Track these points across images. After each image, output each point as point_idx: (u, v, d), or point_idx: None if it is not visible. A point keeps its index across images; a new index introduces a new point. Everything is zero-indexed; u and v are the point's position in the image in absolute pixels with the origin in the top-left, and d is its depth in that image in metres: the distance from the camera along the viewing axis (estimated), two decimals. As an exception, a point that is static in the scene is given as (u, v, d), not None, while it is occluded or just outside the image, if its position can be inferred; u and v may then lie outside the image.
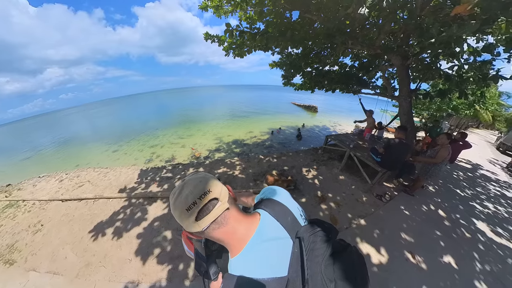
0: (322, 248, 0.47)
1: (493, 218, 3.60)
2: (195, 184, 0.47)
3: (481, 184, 5.24)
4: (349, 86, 5.79)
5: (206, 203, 0.46)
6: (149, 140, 9.35)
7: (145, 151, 7.78)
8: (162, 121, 14.85)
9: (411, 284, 2.03)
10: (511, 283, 2.23)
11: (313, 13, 3.38)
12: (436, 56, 3.67)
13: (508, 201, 4.44)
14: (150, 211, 3.08)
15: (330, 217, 3.01)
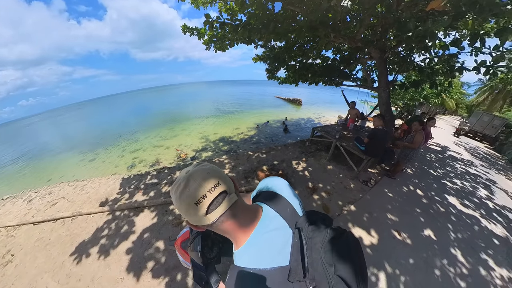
0: (320, 236, 0.49)
1: (460, 192, 4.15)
2: (203, 176, 0.46)
3: (450, 163, 5.99)
4: (332, 79, 6.03)
5: (217, 196, 0.45)
6: (130, 145, 8.74)
7: (126, 157, 7.26)
8: (142, 123, 13.92)
9: (399, 259, 2.25)
10: (479, 246, 2.64)
11: (295, 5, 3.41)
12: (410, 49, 4.01)
13: (471, 176, 5.20)
14: (137, 223, 2.90)
15: (322, 206, 3.16)
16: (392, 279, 2.00)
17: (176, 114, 16.54)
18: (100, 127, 16.00)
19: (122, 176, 4.81)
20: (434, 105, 11.12)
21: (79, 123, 23.18)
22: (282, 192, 0.62)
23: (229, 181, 0.49)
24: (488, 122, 11.10)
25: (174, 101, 32.22)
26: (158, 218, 2.91)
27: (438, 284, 2.06)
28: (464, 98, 17.83)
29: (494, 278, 2.23)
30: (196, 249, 0.68)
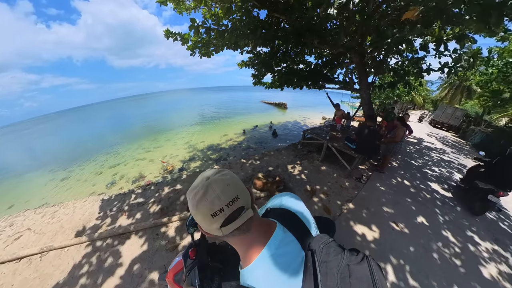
0: (336, 260, 0.46)
1: (439, 178, 4.71)
2: (223, 188, 0.44)
3: (426, 153, 6.77)
4: (316, 82, 6.41)
5: (234, 211, 0.44)
6: (109, 159, 8.07)
7: (105, 174, 6.67)
8: (122, 135, 12.98)
9: (401, 248, 2.43)
10: (465, 226, 3.05)
11: (280, 13, 3.63)
12: (386, 54, 4.54)
13: (446, 163, 5.99)
14: (124, 252, 2.50)
15: (323, 208, 3.24)
16: (398, 270, 2.15)
17: (159, 123, 15.84)
18: (73, 141, 14.53)
19: (101, 197, 4.35)
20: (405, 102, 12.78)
21: (48, 138, 20.70)
22: (295, 211, 0.60)
23: (247, 194, 0.48)
24: (452, 114, 12.94)
25: (156, 110, 30.85)
26: (148, 244, 2.55)
27: (438, 266, 2.27)
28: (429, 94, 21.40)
29: (482, 252, 2.59)
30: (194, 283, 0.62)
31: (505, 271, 2.38)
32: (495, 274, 2.29)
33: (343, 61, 6.00)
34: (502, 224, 3.33)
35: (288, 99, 29.87)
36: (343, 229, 2.70)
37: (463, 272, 2.24)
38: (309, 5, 3.65)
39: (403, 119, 4.37)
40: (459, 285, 2.08)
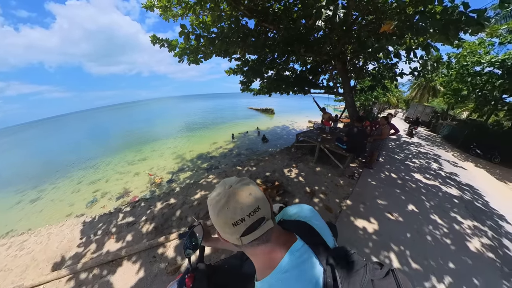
0: (359, 275, 0.44)
1: (420, 168, 5.34)
2: (245, 197, 0.45)
3: (406, 147, 7.60)
4: (303, 88, 6.86)
5: (255, 222, 0.44)
6: (87, 175, 7.45)
7: (83, 191, 6.14)
8: (102, 148, 12.01)
9: (399, 236, 2.68)
10: (448, 208, 3.52)
11: (269, 22, 3.93)
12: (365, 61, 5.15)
13: (423, 154, 6.82)
14: (117, 283, 2.17)
15: (325, 208, 3.37)
16: (401, 256, 2.36)
17: (143, 134, 15.03)
18: (44, 156, 13.03)
19: (82, 219, 3.89)
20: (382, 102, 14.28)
21: (13, 152, 18.12)
22: (312, 223, 0.59)
23: (267, 204, 0.48)
24: (422, 111, 14.97)
25: (139, 119, 29.25)
26: (145, 270, 2.27)
27: (432, 247, 2.55)
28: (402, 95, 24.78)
29: (465, 229, 3.01)
30: None
31: (486, 243, 2.78)
32: (479, 247, 2.66)
33: (327, 68, 6.55)
34: (476, 203, 3.96)
35: (275, 104, 30.79)
36: (346, 225, 2.87)
37: (454, 249, 2.56)
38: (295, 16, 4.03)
39: (387, 118, 4.88)
40: (453, 261, 2.37)
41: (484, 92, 8.61)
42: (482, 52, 8.27)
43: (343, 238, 2.60)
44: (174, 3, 3.64)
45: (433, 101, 20.48)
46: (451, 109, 14.54)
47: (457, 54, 8.68)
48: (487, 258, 2.52)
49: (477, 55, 8.21)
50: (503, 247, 2.77)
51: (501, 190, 5.05)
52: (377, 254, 2.38)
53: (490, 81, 7.99)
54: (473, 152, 8.27)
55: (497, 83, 7.74)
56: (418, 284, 2.06)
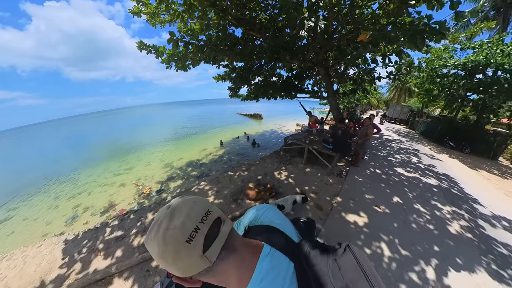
0: (324, 259, 0.47)
1: (402, 163, 5.80)
2: (190, 206, 0.40)
3: (388, 144, 8.22)
4: (289, 93, 7.14)
5: (212, 225, 0.40)
6: (66, 189, 6.92)
7: (62, 207, 5.69)
8: (82, 158, 11.21)
9: (387, 226, 2.86)
10: (428, 197, 3.87)
11: (256, 31, 4.13)
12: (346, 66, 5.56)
13: (404, 150, 7.45)
14: None
15: (316, 207, 3.48)
16: (391, 245, 2.52)
17: (128, 142, 14.28)
18: (15, 169, 11.80)
19: (63, 237, 3.59)
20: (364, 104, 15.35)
21: None
22: (273, 223, 0.59)
23: (218, 209, 0.45)
24: (401, 110, 16.56)
25: (123, 127, 27.83)
26: (139, 286, 2.17)
27: (418, 234, 2.77)
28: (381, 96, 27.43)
29: (445, 214, 3.32)
30: None
31: (464, 225, 3.08)
32: (458, 229, 2.94)
33: (311, 74, 6.94)
34: (452, 190, 4.40)
35: (262, 110, 31.34)
36: (338, 221, 3.00)
37: (437, 233, 2.80)
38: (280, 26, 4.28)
39: (370, 119, 5.23)
40: (437, 244, 2.59)
41: (451, 91, 9.64)
42: (447, 57, 9.31)
43: (336, 233, 2.72)
44: (162, 10, 3.66)
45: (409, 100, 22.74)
46: (425, 108, 16.08)
47: (426, 59, 9.71)
48: (466, 238, 2.79)
49: (443, 59, 9.26)
50: (479, 227, 3.11)
51: (473, 177, 5.67)
52: (369, 245, 2.52)
53: (456, 81, 9.01)
54: (447, 145, 9.26)
55: (461, 83, 8.77)
56: (408, 269, 2.21)
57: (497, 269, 2.34)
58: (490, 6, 11.00)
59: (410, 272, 2.17)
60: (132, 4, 3.75)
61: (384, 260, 2.32)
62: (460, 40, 9.03)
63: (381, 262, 2.29)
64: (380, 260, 2.31)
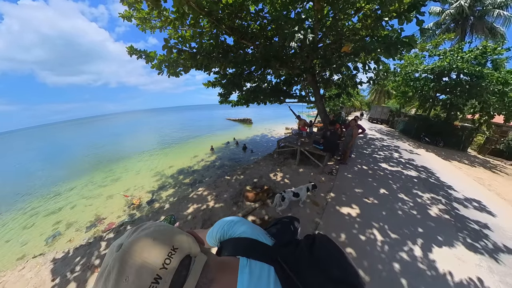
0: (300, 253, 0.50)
1: (385, 159, 6.37)
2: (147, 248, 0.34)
3: (372, 143, 8.93)
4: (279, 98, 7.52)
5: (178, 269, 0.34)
6: (44, 204, 6.37)
7: (39, 225, 5.22)
8: (62, 170, 10.37)
9: (378, 216, 3.17)
10: (410, 187, 4.37)
11: (248, 40, 4.41)
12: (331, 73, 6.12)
13: (386, 147, 8.16)
14: None
15: (312, 203, 3.71)
16: (382, 231, 2.81)
17: (113, 151, 13.48)
18: None
19: (50, 256, 3.29)
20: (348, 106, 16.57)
21: None
22: (243, 234, 0.58)
23: (186, 237, 0.40)
24: (381, 111, 18.33)
25: (107, 135, 26.24)
26: None
27: (404, 219, 3.11)
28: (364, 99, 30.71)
29: (425, 200, 3.76)
30: None
31: (442, 208, 3.53)
32: (438, 212, 3.36)
33: (299, 80, 7.43)
34: (430, 179, 4.98)
35: (252, 114, 31.66)
36: (334, 214, 3.25)
37: (419, 218, 3.16)
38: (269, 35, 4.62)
39: (355, 120, 5.69)
40: (421, 227, 2.94)
41: (423, 93, 10.82)
42: (418, 63, 10.57)
43: (333, 225, 2.94)
44: (154, 15, 3.74)
45: (389, 102, 25.11)
46: (402, 108, 17.69)
47: (401, 65, 10.96)
48: (444, 219, 3.21)
49: (415, 65, 10.48)
50: (454, 209, 3.60)
51: (447, 167, 6.43)
52: (363, 233, 2.79)
53: (426, 84, 10.16)
54: (423, 140, 10.45)
55: (431, 85, 9.97)
56: (399, 249, 2.49)
57: (471, 242, 2.73)
58: (450, 20, 12.72)
59: (400, 252, 2.45)
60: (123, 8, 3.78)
61: (377, 243, 2.58)
62: (427, 49, 10.34)
63: (375, 245, 2.55)
64: (374, 244, 2.57)
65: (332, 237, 2.64)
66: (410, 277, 2.12)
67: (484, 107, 9.00)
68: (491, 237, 2.87)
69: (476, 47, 8.75)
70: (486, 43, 8.68)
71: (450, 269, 2.25)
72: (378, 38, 3.36)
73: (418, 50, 10.49)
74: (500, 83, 7.81)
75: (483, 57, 8.46)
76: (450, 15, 12.54)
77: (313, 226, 2.92)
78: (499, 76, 7.80)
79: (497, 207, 3.83)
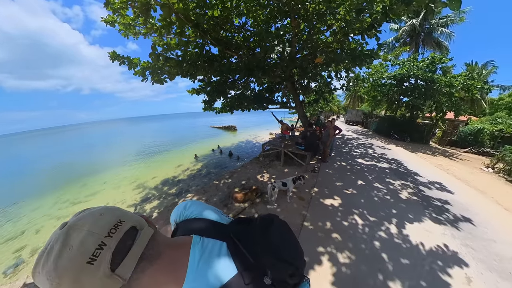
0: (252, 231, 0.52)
1: (361, 155, 7.08)
2: (93, 220, 0.33)
3: (349, 142, 9.85)
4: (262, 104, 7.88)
5: (123, 237, 0.34)
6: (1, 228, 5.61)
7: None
8: (22, 188, 9.04)
9: (357, 204, 3.50)
10: (383, 177, 4.95)
11: (232, 51, 4.68)
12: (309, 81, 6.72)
13: (362, 145, 9.05)
14: None
15: (298, 198, 3.94)
16: (362, 216, 3.12)
17: (88, 164, 12.27)
18: None
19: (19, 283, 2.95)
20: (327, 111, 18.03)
21: None
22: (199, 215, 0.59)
23: (135, 216, 0.40)
24: (356, 114, 20.59)
25: (78, 146, 23.91)
26: None
27: (379, 203, 3.52)
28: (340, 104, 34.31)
29: (396, 187, 4.28)
30: None
31: (411, 191, 4.07)
32: (407, 195, 3.85)
33: (280, 87, 7.95)
34: (400, 169, 5.67)
35: (236, 122, 31.79)
36: (318, 206, 3.50)
37: (393, 201, 3.58)
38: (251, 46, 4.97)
39: (331, 122, 6.20)
40: (394, 209, 3.34)
41: (389, 96, 12.52)
42: (383, 71, 12.22)
43: (318, 215, 3.16)
44: (139, 22, 3.75)
45: (362, 105, 28.03)
46: (374, 110, 19.60)
47: (369, 73, 12.51)
48: (413, 200, 3.71)
49: (380, 73, 12.11)
50: (421, 191, 4.19)
51: (414, 158, 7.44)
52: (346, 219, 3.06)
53: (391, 88, 11.76)
54: (393, 137, 11.96)
55: (395, 90, 11.60)
56: (377, 230, 2.78)
57: (436, 216, 3.20)
58: (406, 35, 15.65)
59: (379, 231, 2.76)
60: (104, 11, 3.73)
61: (359, 227, 2.86)
62: (390, 59, 12.20)
63: (357, 229, 2.82)
64: (356, 227, 2.84)
65: (318, 226, 2.84)
66: (389, 251, 2.39)
67: (438, 106, 10.67)
68: (451, 211, 3.40)
69: (427, 57, 10.53)
70: (434, 54, 10.50)
71: (421, 240, 2.60)
72: (347, 51, 3.95)
73: (382, 60, 12.13)
74: (447, 86, 9.44)
75: (433, 65, 10.19)
76: (406, 31, 15.20)
77: (301, 218, 3.10)
78: (446, 80, 9.44)
79: (455, 186, 4.56)
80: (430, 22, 14.69)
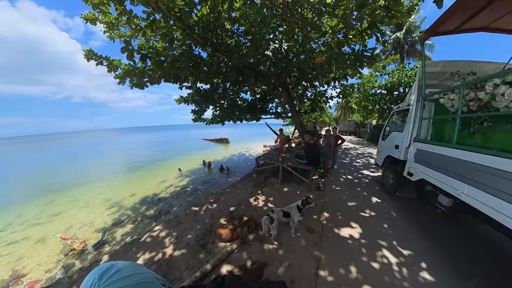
0: None
1: (365, 166, 6.68)
2: None
3: (348, 152, 9.51)
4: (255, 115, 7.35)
5: None
6: None
7: None
8: None
9: (381, 231, 2.85)
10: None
11: (222, 53, 4.15)
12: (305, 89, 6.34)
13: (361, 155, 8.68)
14: None
15: (306, 229, 3.09)
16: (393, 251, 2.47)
17: (62, 177, 10.64)
18: None
19: None
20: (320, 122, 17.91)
21: None
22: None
23: None
24: (348, 124, 21.30)
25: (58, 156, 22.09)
26: None
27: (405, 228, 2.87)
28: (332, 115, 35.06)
29: None
30: None
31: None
32: None
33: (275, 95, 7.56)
34: None
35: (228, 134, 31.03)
36: (334, 241, 2.74)
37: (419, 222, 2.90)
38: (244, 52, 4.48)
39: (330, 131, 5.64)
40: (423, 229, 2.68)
41: (381, 105, 12.66)
42: (373, 81, 12.55)
43: (337, 256, 2.42)
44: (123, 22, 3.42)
45: (353, 116, 29.00)
46: (365, 120, 19.80)
47: (360, 83, 12.85)
48: None
49: (371, 82, 12.42)
50: None
51: None
52: (374, 257, 2.37)
53: (382, 98, 12.05)
54: None
55: (386, 98, 11.88)
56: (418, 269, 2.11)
57: None
58: (391, 48, 17.03)
59: (420, 271, 2.08)
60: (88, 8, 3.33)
61: (394, 268, 2.19)
62: (379, 69, 12.68)
63: (392, 272, 2.13)
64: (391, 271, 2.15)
65: (340, 274, 2.11)
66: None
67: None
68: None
69: (415, 66, 11.04)
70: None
71: None
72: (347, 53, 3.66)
73: (372, 70, 12.35)
74: (434, 93, 10.07)
75: (421, 73, 10.92)
76: (391, 43, 16.48)
77: (314, 263, 2.30)
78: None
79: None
80: (412, 35, 16.11)
